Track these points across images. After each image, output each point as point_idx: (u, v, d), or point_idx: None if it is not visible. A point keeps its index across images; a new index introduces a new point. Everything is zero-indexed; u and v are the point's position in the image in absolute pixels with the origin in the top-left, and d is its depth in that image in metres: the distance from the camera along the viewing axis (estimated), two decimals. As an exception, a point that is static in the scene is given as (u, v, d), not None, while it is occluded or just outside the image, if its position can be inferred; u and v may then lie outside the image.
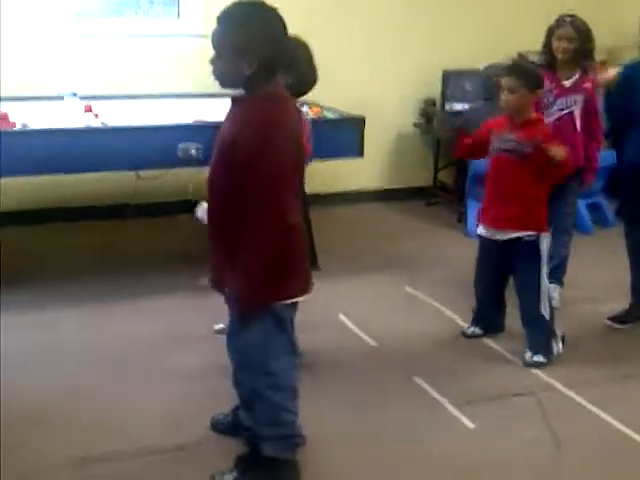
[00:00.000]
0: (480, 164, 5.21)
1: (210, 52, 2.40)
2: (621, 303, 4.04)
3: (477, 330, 3.85)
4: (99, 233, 5.06)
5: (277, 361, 2.55)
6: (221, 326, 3.56)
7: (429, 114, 6.01)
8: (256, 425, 2.64)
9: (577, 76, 4.00)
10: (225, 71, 2.36)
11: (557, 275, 4.09)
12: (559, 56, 3.96)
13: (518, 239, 3.56)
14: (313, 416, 2.81)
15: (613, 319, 3.99)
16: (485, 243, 3.72)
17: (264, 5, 2.38)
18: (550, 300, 3.61)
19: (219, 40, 2.36)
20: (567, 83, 4.01)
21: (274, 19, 2.37)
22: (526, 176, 3.52)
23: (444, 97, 5.96)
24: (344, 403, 3.20)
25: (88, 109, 4.28)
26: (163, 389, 3.25)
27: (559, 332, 3.62)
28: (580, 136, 4.06)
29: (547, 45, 4.01)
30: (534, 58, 5.84)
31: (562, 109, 4.02)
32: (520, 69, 3.61)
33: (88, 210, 5.24)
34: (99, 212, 5.22)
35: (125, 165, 4.16)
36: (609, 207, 5.69)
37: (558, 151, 3.45)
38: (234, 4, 2.38)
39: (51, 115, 4.20)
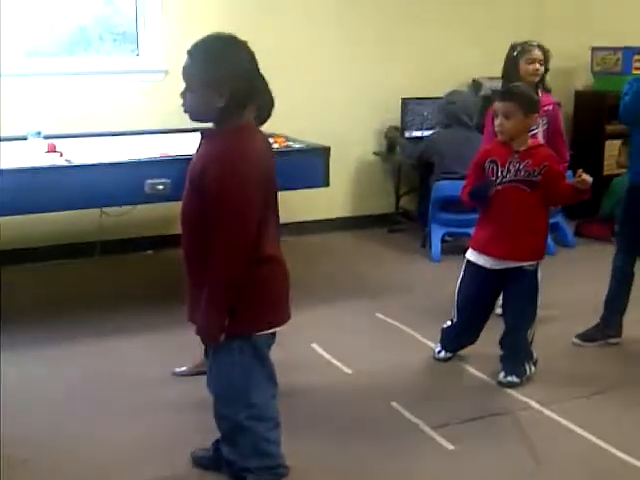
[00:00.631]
0: (443, 189, 5.32)
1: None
2: (588, 321, 4.10)
3: (447, 354, 3.88)
4: (65, 272, 5.02)
5: (258, 392, 2.56)
6: (183, 369, 3.58)
7: (393, 141, 6.09)
8: (240, 459, 2.62)
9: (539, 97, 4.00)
10: (196, 105, 2.38)
11: None
12: (530, 79, 4.05)
13: (518, 268, 3.54)
14: (292, 447, 2.80)
15: (581, 337, 4.06)
16: (477, 271, 3.62)
17: (235, 39, 2.41)
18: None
19: (190, 74, 2.37)
20: None
21: (245, 52, 2.40)
22: (536, 205, 3.50)
23: (403, 124, 6.05)
24: (322, 432, 3.20)
25: (52, 148, 4.26)
26: (145, 425, 3.22)
27: (535, 355, 3.67)
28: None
29: (511, 70, 4.10)
30: (488, 84, 6.01)
31: None
32: (514, 93, 3.52)
33: (53, 249, 5.20)
34: (64, 251, 5.18)
35: (92, 203, 4.14)
36: (568, 227, 5.82)
37: (588, 177, 3.37)
38: (205, 38, 2.40)
39: (15, 155, 4.18)
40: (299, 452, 2.94)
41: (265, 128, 4.98)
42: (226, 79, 2.32)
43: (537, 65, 4.12)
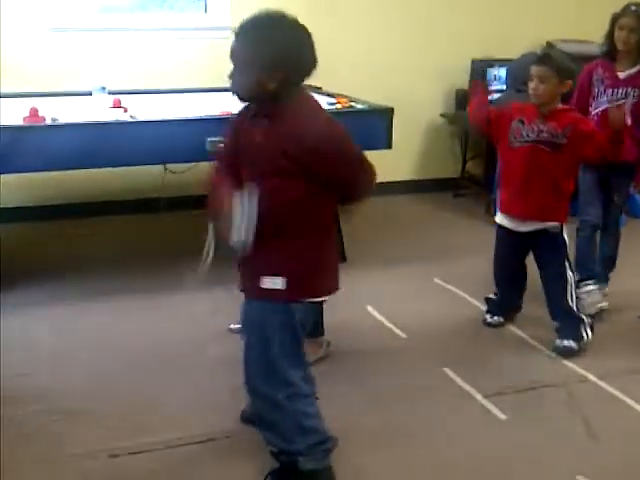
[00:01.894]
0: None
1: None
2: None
3: (499, 318, 3.84)
4: (129, 227, 5.10)
5: (295, 369, 2.46)
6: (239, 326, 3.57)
7: (463, 104, 5.96)
8: (284, 443, 2.51)
9: (637, 69, 3.84)
10: (247, 87, 2.28)
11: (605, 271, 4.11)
12: (619, 46, 3.81)
13: (543, 231, 3.54)
14: (344, 411, 2.80)
15: (646, 312, 3.95)
16: (505, 234, 3.68)
17: (283, 17, 2.28)
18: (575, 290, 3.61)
19: (239, 55, 2.25)
20: (622, 75, 3.85)
21: (297, 30, 2.28)
22: (559, 167, 3.48)
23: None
24: (374, 397, 3.18)
25: (117, 104, 4.30)
26: (190, 382, 3.26)
27: (588, 320, 3.60)
28: (630, 131, 3.75)
29: (609, 33, 3.85)
30: (564, 47, 5.82)
31: (610, 101, 3.83)
32: (551, 58, 3.50)
33: (117, 204, 5.28)
34: (129, 206, 5.26)
35: (154, 159, 4.18)
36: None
37: (618, 115, 3.36)
38: (252, 18, 2.26)
39: (80, 110, 4.23)
40: (346, 417, 2.95)
41: (329, 89, 4.98)
42: (277, 61, 2.22)
43: (624, 33, 3.76)
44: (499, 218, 3.72)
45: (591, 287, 3.98)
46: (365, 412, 3.06)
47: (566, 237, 3.57)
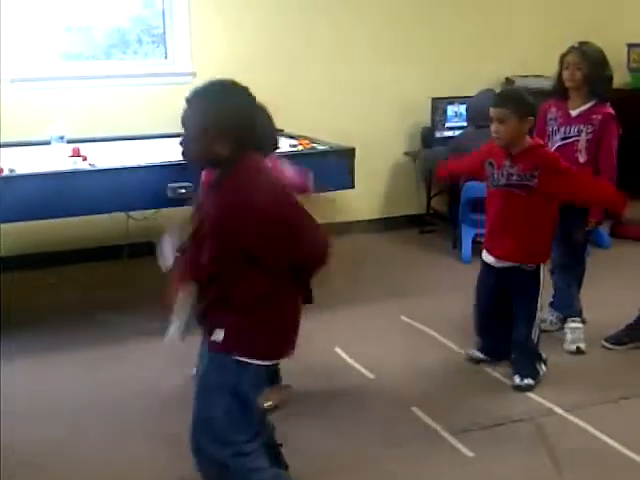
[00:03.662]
0: (473, 190, 5.24)
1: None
2: (619, 324, 4.00)
3: (480, 355, 3.82)
4: (94, 275, 5.05)
5: (241, 435, 2.39)
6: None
7: (427, 141, 6.02)
8: None
9: (588, 106, 3.84)
10: (198, 153, 2.30)
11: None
12: (567, 84, 3.83)
13: (518, 268, 3.54)
14: (311, 451, 2.77)
15: (610, 340, 3.96)
16: (486, 268, 3.69)
17: (235, 84, 2.31)
18: (539, 325, 3.63)
19: (190, 122, 2.28)
20: (574, 112, 3.86)
21: (246, 98, 2.30)
22: (534, 209, 3.46)
23: (434, 124, 5.97)
24: (341, 437, 3.16)
25: (76, 152, 4.29)
26: (159, 433, 3.20)
27: (544, 356, 3.63)
28: (585, 169, 3.80)
29: (558, 72, 3.89)
30: (522, 82, 5.92)
31: (564, 138, 3.87)
32: (508, 98, 3.50)
33: (80, 253, 5.24)
34: (92, 254, 5.22)
35: (114, 207, 4.16)
36: (604, 228, 5.67)
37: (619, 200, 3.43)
38: (204, 85, 2.29)
39: (39, 160, 4.21)
40: (317, 456, 2.93)
41: (291, 131, 5.01)
42: (228, 127, 2.24)
43: (570, 70, 3.79)
44: (483, 253, 3.71)
45: (577, 325, 3.97)
46: (333, 453, 3.03)
47: (542, 276, 3.55)
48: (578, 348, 3.90)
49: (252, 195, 2.24)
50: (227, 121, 2.24)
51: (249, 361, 2.35)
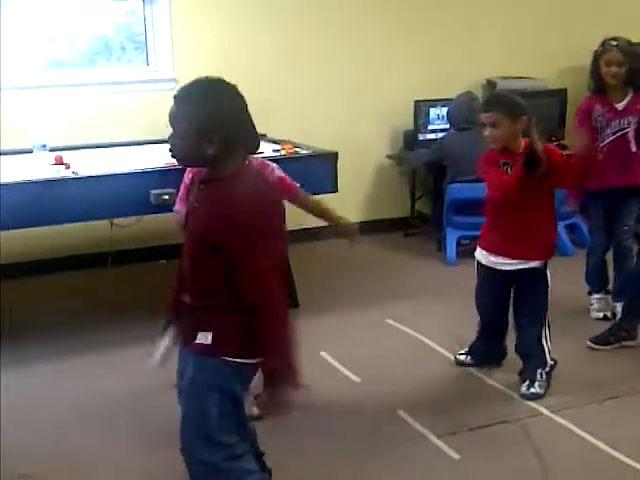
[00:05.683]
0: (456, 192, 5.26)
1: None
2: (604, 324, 4.06)
3: (469, 359, 3.80)
4: (78, 283, 5.03)
5: (232, 435, 2.39)
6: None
7: (411, 144, 6.03)
8: None
9: (629, 97, 4.03)
10: (185, 152, 2.28)
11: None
12: (610, 81, 3.98)
13: (526, 269, 3.49)
14: (296, 456, 2.77)
15: (595, 340, 3.98)
16: (487, 271, 3.59)
17: (223, 82, 2.29)
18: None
19: (177, 120, 2.26)
20: (619, 106, 4.04)
21: (234, 96, 2.29)
22: (542, 202, 3.45)
23: (416, 127, 5.98)
24: (327, 442, 3.16)
25: (59, 160, 4.27)
26: (143, 440, 3.20)
27: (550, 362, 3.56)
28: (637, 156, 4.08)
29: (595, 70, 4.03)
30: (503, 84, 5.95)
31: (616, 132, 4.05)
32: (497, 101, 3.49)
33: (64, 260, 5.21)
34: (77, 262, 5.20)
35: (98, 215, 4.15)
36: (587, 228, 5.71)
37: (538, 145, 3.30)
38: (192, 83, 2.29)
39: (21, 168, 4.19)
40: (302, 461, 2.93)
41: (274, 135, 5.01)
42: (215, 126, 2.22)
43: (614, 68, 3.95)
44: (482, 256, 3.62)
45: (601, 296, 4.30)
46: (317, 457, 3.04)
47: (549, 275, 3.52)
48: (605, 316, 4.21)
49: (237, 205, 2.23)
50: (213, 120, 2.23)
51: (237, 360, 2.35)
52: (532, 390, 3.48)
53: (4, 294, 4.78)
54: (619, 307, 4.16)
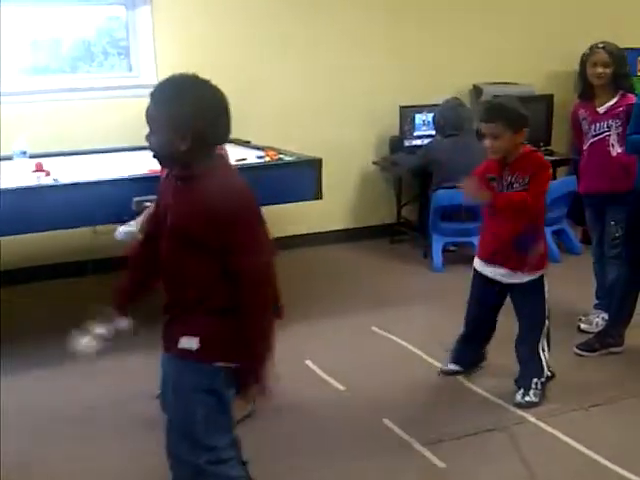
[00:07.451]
0: (442, 198, 5.23)
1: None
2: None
3: (457, 367, 3.76)
4: (58, 291, 4.97)
5: (220, 437, 2.37)
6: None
7: (397, 150, 5.99)
8: None
9: (613, 101, 3.98)
10: (160, 148, 2.27)
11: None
12: (595, 81, 3.97)
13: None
14: (282, 464, 2.74)
15: (582, 347, 3.95)
16: (483, 280, 3.54)
17: (196, 78, 2.28)
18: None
19: (152, 117, 2.27)
20: (601, 109, 4.01)
21: (207, 92, 2.28)
22: (537, 212, 3.40)
23: (402, 133, 5.95)
24: (312, 450, 3.12)
25: (39, 167, 4.22)
26: (114, 452, 3.16)
27: (547, 373, 3.52)
28: (618, 159, 3.96)
29: (582, 72, 4.03)
30: (489, 89, 5.93)
31: (596, 135, 4.03)
32: (500, 112, 3.34)
33: (44, 269, 5.15)
34: (57, 270, 5.14)
35: (79, 222, 4.09)
36: (574, 234, 5.69)
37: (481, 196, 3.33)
38: (165, 80, 2.29)
39: (1, 175, 4.13)
40: (287, 470, 2.90)
41: (258, 142, 4.96)
42: (187, 121, 2.21)
43: (599, 69, 3.93)
44: (480, 265, 3.55)
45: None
46: (302, 466, 3.00)
47: (546, 283, 3.48)
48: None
49: (223, 200, 2.21)
50: (186, 116, 2.21)
51: (222, 364, 2.32)
52: (527, 398, 3.43)
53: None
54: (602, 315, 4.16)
